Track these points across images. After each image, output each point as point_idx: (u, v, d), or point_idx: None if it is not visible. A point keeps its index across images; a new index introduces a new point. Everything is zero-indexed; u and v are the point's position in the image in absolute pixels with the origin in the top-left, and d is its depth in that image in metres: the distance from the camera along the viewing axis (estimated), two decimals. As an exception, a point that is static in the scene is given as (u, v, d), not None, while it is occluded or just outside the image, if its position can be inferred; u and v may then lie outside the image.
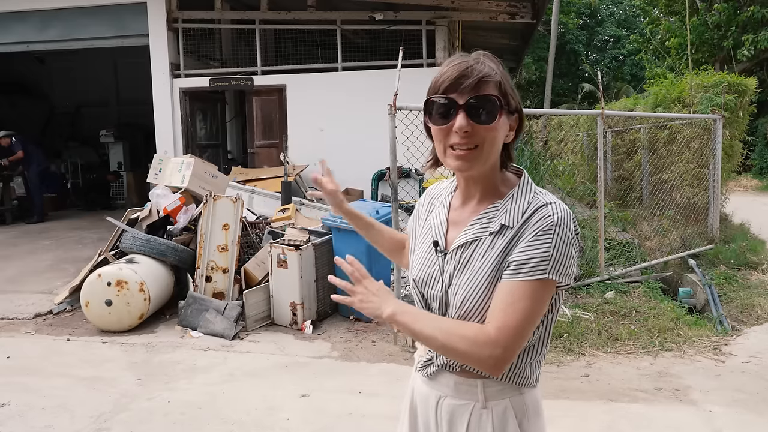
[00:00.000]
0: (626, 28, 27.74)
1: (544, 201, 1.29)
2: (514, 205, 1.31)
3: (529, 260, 1.23)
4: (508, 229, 1.29)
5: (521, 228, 1.28)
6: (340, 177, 9.27)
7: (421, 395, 1.47)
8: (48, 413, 3.63)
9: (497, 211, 1.33)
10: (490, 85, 1.27)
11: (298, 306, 5.03)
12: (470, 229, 1.35)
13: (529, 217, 1.28)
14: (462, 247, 1.34)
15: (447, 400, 1.40)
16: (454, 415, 1.39)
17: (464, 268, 1.33)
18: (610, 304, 5.30)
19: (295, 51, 9.10)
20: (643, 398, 3.74)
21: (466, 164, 1.28)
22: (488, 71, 1.27)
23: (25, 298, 6.03)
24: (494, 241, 1.30)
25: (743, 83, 8.12)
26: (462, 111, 1.25)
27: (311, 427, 3.46)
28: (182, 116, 8.98)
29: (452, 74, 1.26)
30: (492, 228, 1.31)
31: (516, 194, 1.33)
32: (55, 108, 14.76)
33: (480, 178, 1.35)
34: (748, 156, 14.21)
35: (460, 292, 1.31)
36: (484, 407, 1.36)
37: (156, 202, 6.01)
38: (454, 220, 1.40)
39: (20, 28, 9.38)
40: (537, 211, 1.28)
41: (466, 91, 1.25)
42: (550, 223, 1.25)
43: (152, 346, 4.78)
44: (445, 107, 1.27)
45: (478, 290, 1.29)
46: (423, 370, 1.45)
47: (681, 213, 7.67)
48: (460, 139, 1.26)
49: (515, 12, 7.85)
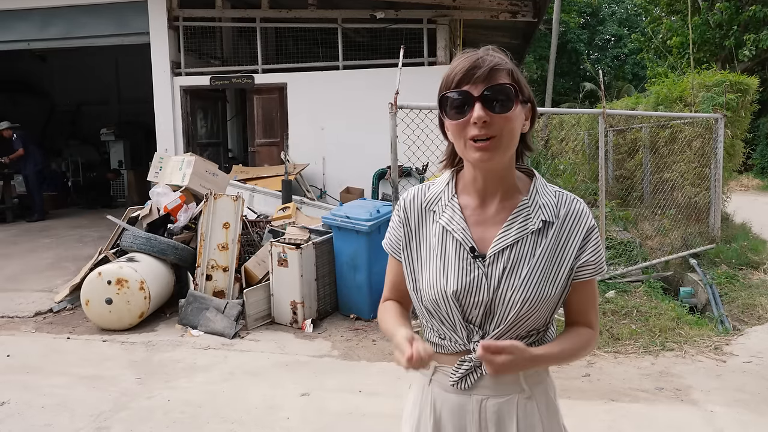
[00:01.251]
0: (628, 27, 27.70)
1: (569, 194, 1.39)
2: (544, 200, 1.35)
3: (600, 259, 1.37)
4: (550, 225, 1.34)
5: (564, 222, 1.35)
6: (341, 175, 9.34)
7: (452, 407, 1.39)
8: (48, 412, 3.63)
9: (529, 208, 1.34)
10: (502, 74, 1.27)
11: (298, 305, 5.02)
12: (509, 229, 1.33)
13: (569, 212, 1.35)
14: (507, 249, 1.32)
15: (490, 401, 1.37)
16: (502, 413, 1.36)
17: (515, 269, 1.31)
18: (611, 304, 5.29)
19: (296, 49, 9.08)
20: (644, 398, 3.73)
21: (487, 154, 1.27)
22: (498, 60, 1.28)
23: (26, 297, 6.03)
24: (538, 238, 1.33)
25: (745, 82, 8.10)
26: (478, 102, 1.24)
27: (311, 426, 3.45)
28: (183, 114, 8.97)
29: (464, 66, 1.26)
30: (533, 226, 1.32)
31: (539, 188, 1.37)
32: (56, 106, 14.77)
33: (500, 172, 1.33)
34: (749, 155, 14.22)
35: (518, 294, 1.30)
36: (528, 396, 1.37)
37: (156, 200, 6.01)
38: (477, 221, 1.36)
39: (21, 26, 9.38)
40: (572, 205, 1.37)
41: (479, 81, 1.25)
42: (590, 217, 1.36)
43: (152, 344, 4.78)
44: (460, 101, 1.26)
45: (537, 289, 1.30)
46: (458, 384, 1.37)
47: (682, 212, 7.65)
48: (479, 130, 1.25)
49: (516, 11, 7.84)
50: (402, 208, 1.45)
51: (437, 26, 8.34)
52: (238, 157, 10.93)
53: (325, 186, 8.54)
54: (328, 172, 8.55)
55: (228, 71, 9.12)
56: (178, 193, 6.02)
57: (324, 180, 8.57)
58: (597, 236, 1.37)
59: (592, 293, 1.39)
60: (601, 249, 1.37)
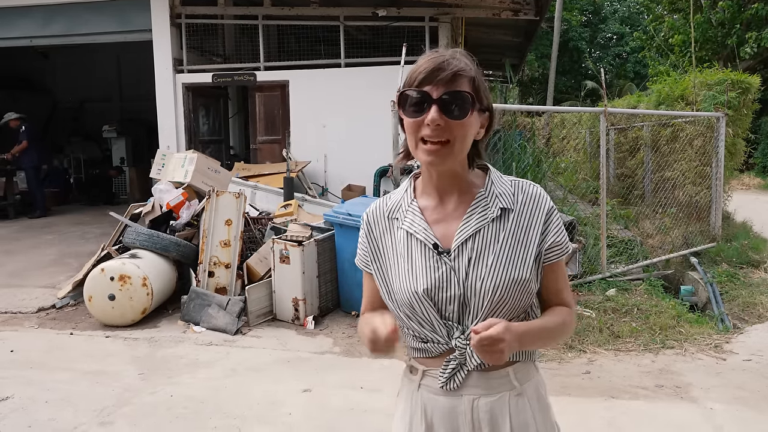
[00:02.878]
0: (629, 26, 27.66)
1: (524, 181, 1.43)
2: (500, 189, 1.39)
3: (564, 239, 1.40)
4: (509, 212, 1.37)
5: (522, 207, 1.38)
6: (342, 173, 9.35)
7: (443, 410, 1.39)
8: (51, 406, 3.65)
9: (486, 198, 1.37)
10: (464, 80, 1.29)
11: (300, 301, 5.04)
12: (469, 220, 1.35)
13: (526, 196, 1.39)
14: (469, 240, 1.34)
15: (481, 400, 1.37)
16: (494, 411, 1.37)
17: (480, 258, 1.33)
18: (611, 302, 5.30)
19: (298, 47, 9.09)
20: (644, 395, 3.74)
21: (437, 159, 1.30)
22: (463, 66, 1.30)
23: (29, 293, 6.05)
24: (499, 225, 1.35)
25: (747, 81, 8.10)
26: (435, 105, 1.27)
27: (313, 422, 3.47)
28: (185, 112, 8.98)
29: (428, 67, 1.29)
30: (492, 214, 1.36)
31: (494, 179, 1.41)
32: (59, 103, 14.77)
33: (453, 173, 1.37)
34: (750, 154, 14.19)
35: (488, 282, 1.31)
36: (519, 393, 1.38)
37: (159, 197, 6.02)
38: (437, 219, 1.38)
39: (24, 23, 9.39)
40: (528, 190, 1.40)
41: (440, 84, 1.27)
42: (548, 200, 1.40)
43: (155, 340, 4.80)
44: (418, 100, 1.29)
45: (505, 274, 1.32)
46: (446, 385, 1.38)
47: (683, 211, 7.66)
48: (432, 132, 1.27)
49: (518, 9, 7.84)
50: (365, 222, 1.49)
51: (439, 24, 8.35)
52: (240, 155, 10.95)
53: (326, 183, 8.56)
54: (329, 169, 8.57)
55: (230, 68, 9.13)
56: (180, 190, 6.03)
57: (326, 177, 8.58)
58: (558, 217, 1.40)
59: (561, 273, 1.42)
60: (563, 229, 1.40)
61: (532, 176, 6.76)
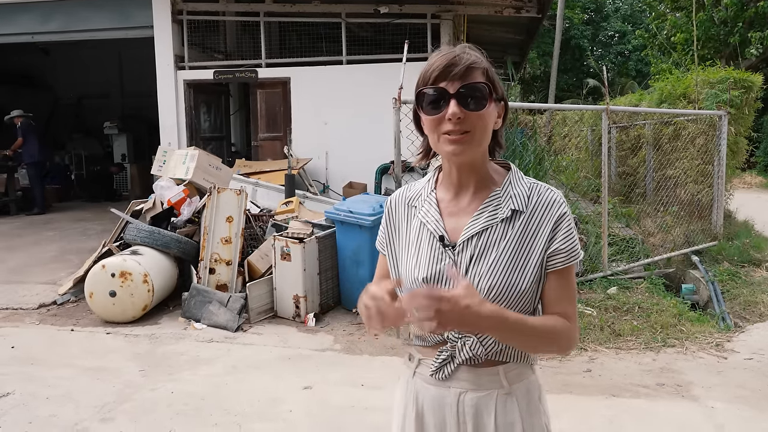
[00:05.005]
0: (632, 24, 27.59)
1: (543, 185, 1.39)
2: (516, 191, 1.38)
3: (573, 246, 1.35)
4: (519, 214, 1.35)
5: (534, 211, 1.35)
6: (344, 170, 9.33)
7: (431, 400, 1.42)
8: (52, 403, 3.66)
9: (500, 198, 1.37)
10: (478, 72, 1.31)
11: (301, 299, 5.04)
12: (478, 218, 1.36)
13: (540, 201, 1.36)
14: (474, 237, 1.35)
15: (468, 394, 1.38)
16: (480, 407, 1.37)
17: (482, 256, 1.33)
18: (612, 300, 5.30)
19: (299, 44, 9.08)
20: (645, 394, 3.74)
21: (460, 147, 1.31)
22: (475, 59, 1.32)
23: (30, 289, 6.06)
24: (507, 226, 1.35)
25: (749, 79, 8.08)
26: (453, 99, 1.28)
27: (314, 419, 3.47)
28: (186, 108, 8.98)
29: (441, 63, 1.30)
30: (502, 215, 1.35)
31: (513, 180, 1.40)
32: (60, 99, 14.78)
33: (473, 165, 1.37)
34: (752, 153, 14.16)
35: (485, 281, 1.32)
36: (508, 393, 1.38)
37: (160, 194, 6.02)
38: (451, 212, 1.40)
39: (24, 19, 9.38)
40: (544, 195, 1.37)
41: (455, 79, 1.29)
42: (563, 206, 1.36)
43: (156, 337, 4.80)
44: (436, 97, 1.30)
45: (504, 276, 1.32)
46: (436, 375, 1.40)
47: (685, 209, 7.66)
48: (453, 126, 1.29)
49: (520, 6, 7.83)
50: (387, 207, 1.53)
51: (441, 21, 8.33)
52: (241, 152, 10.95)
53: (328, 181, 8.56)
54: (331, 166, 8.56)
55: (231, 65, 9.12)
56: (181, 187, 6.03)
57: (327, 175, 8.58)
58: (569, 224, 1.36)
59: (566, 284, 1.36)
60: (573, 236, 1.35)
61: (533, 174, 6.75)
